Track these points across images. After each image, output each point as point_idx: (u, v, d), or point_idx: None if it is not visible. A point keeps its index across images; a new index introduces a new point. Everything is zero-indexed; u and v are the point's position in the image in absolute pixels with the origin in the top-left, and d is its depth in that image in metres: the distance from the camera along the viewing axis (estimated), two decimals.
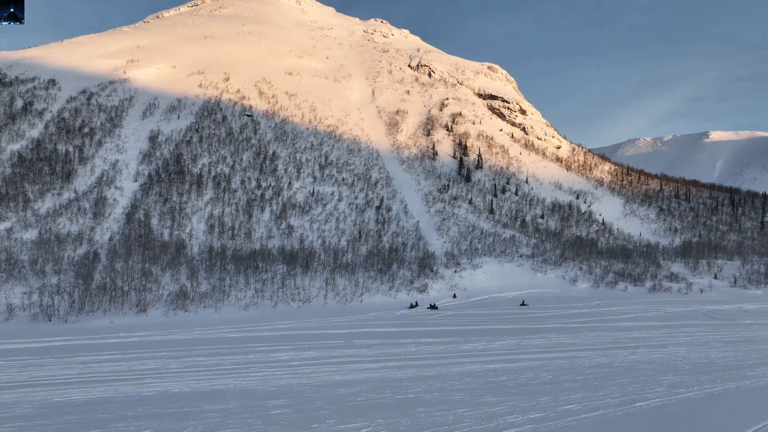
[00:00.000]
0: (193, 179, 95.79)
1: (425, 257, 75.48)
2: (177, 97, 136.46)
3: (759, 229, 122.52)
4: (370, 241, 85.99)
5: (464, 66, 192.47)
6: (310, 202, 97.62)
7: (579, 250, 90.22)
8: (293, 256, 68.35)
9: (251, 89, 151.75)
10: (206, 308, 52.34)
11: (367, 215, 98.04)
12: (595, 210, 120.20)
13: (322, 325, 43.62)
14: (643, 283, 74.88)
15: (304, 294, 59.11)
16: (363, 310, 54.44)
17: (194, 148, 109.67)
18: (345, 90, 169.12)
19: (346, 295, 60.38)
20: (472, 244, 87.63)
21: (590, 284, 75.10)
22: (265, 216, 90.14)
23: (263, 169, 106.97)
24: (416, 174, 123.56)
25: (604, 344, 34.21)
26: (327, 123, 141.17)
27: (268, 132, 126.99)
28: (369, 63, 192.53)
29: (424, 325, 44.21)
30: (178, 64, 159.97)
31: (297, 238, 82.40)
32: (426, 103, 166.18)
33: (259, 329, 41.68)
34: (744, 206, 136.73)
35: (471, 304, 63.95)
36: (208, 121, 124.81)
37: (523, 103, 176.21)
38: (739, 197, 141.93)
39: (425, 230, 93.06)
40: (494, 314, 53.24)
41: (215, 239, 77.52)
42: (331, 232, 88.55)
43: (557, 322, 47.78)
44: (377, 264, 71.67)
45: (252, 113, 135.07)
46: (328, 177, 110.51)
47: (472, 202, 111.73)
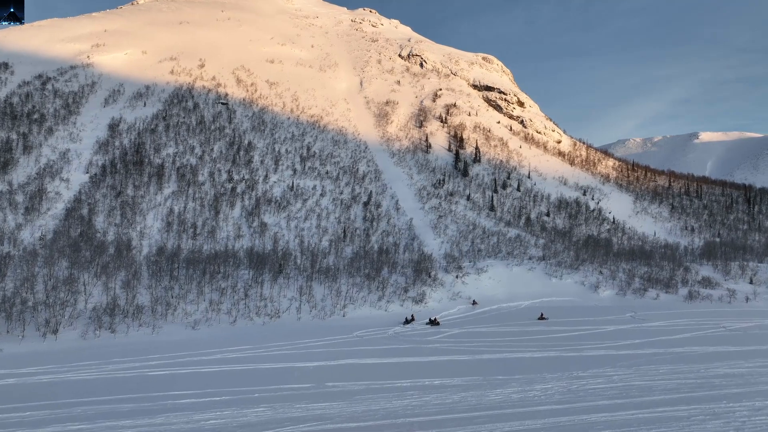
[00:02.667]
0: (154, 171, 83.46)
1: (421, 260, 63.95)
2: (145, 84, 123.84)
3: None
4: (356, 241, 74.31)
5: (458, 56, 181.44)
6: (289, 197, 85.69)
7: (594, 251, 79.32)
8: (262, 260, 56.45)
9: (228, 77, 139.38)
10: (142, 327, 40.37)
11: (353, 212, 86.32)
12: (604, 207, 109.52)
13: (288, 354, 31.99)
14: (675, 289, 63.96)
15: (273, 307, 47.30)
16: (346, 328, 42.84)
17: (159, 137, 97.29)
18: (331, 79, 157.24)
19: (325, 308, 48.67)
20: (474, 244, 76.28)
21: (614, 291, 64.05)
22: (234, 212, 78.09)
23: (236, 160, 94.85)
24: (408, 168, 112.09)
25: (691, 389, 22.90)
26: (310, 113, 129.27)
27: (244, 121, 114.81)
28: (357, 52, 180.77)
29: (426, 353, 32.83)
30: (150, 49, 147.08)
31: (270, 238, 70.50)
32: (418, 93, 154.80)
33: (199, 361, 30.02)
34: (760, 204, 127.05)
35: (478, 316, 52.55)
36: (177, 109, 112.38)
37: (520, 95, 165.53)
38: (753, 194, 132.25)
39: (420, 229, 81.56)
40: (511, 333, 41.90)
41: (171, 239, 65.39)
42: (311, 230, 76.71)
43: (598, 345, 36.55)
44: (364, 268, 60.02)
45: (227, 101, 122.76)
46: (310, 170, 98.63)
47: (471, 198, 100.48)
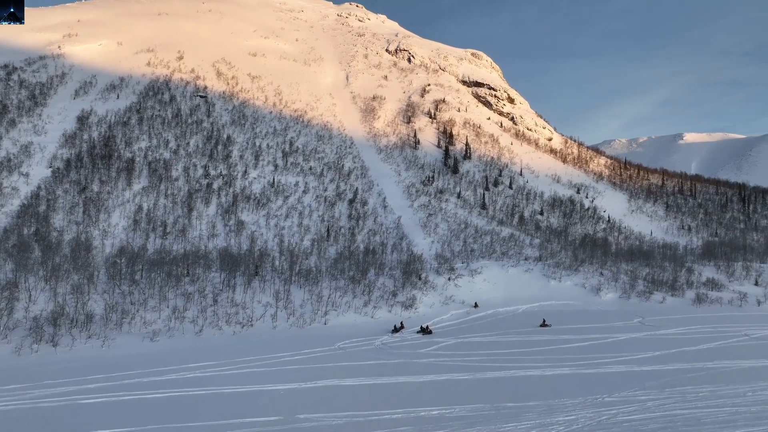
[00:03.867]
0: (123, 165, 77.65)
1: (411, 261, 59.09)
2: (120, 76, 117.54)
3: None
4: (340, 241, 69.26)
5: (446, 52, 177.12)
6: (269, 194, 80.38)
7: (593, 251, 75.18)
8: (236, 261, 51.18)
9: (208, 70, 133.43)
10: (91, 339, 34.98)
11: (337, 210, 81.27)
12: (599, 206, 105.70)
13: (257, 374, 26.91)
14: (681, 292, 59.88)
15: (245, 314, 42.08)
16: (327, 338, 37.86)
17: (131, 131, 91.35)
18: (316, 74, 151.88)
19: (305, 315, 43.58)
20: (467, 244, 71.65)
21: (617, 294, 59.78)
22: (209, 210, 72.60)
23: (214, 155, 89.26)
24: (396, 164, 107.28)
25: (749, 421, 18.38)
26: (294, 107, 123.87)
27: (223, 115, 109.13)
28: (343, 47, 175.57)
29: (419, 370, 28.01)
30: (126, 40, 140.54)
31: (247, 237, 65.17)
32: (406, 89, 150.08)
33: (149, 383, 24.83)
34: (755, 203, 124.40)
35: (473, 323, 47.85)
36: (152, 102, 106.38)
37: (510, 92, 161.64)
38: (747, 193, 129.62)
39: (408, 227, 76.76)
40: (513, 344, 37.26)
41: (138, 238, 59.79)
42: (292, 229, 71.50)
43: (614, 358, 32.04)
44: (349, 270, 55.03)
45: (206, 94, 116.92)
46: (293, 165, 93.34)
47: (461, 196, 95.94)
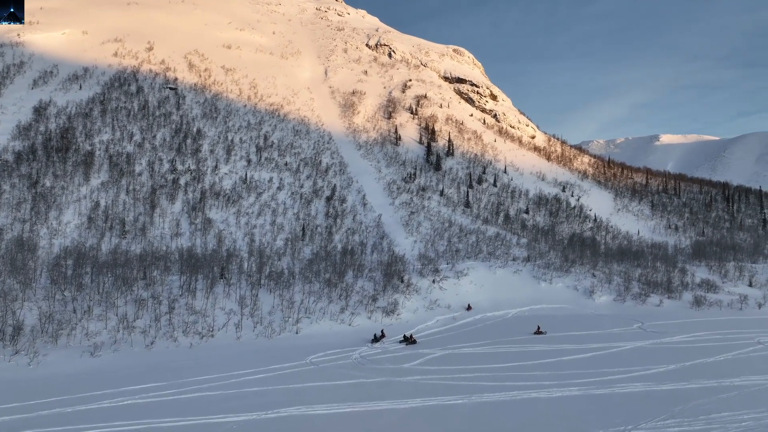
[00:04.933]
0: (81, 159, 71.67)
1: (392, 262, 54.67)
2: (83, 66, 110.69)
3: (762, 226, 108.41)
4: (316, 240, 64.51)
5: (428, 47, 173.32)
6: (240, 190, 75.18)
7: (582, 251, 71.78)
8: (200, 262, 46.09)
9: (180, 61, 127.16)
10: (18, 355, 29.77)
11: (314, 207, 76.45)
12: (585, 204, 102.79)
13: (209, 398, 22.15)
14: (678, 295, 56.63)
15: (205, 323, 37.13)
16: (298, 350, 33.24)
17: (93, 123, 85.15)
18: (293, 68, 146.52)
19: (274, 324, 38.79)
20: (451, 243, 67.54)
21: (612, 297, 56.27)
22: (175, 207, 67.15)
23: (182, 149, 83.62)
24: (376, 160, 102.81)
25: None
26: (270, 101, 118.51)
27: (194, 107, 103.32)
28: (322, 41, 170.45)
29: (403, 394, 23.58)
30: (92, 30, 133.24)
31: (215, 237, 60.01)
32: (386, 84, 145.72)
33: (71, 415, 19.94)
34: (739, 202, 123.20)
35: (461, 330, 43.66)
36: (118, 93, 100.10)
37: (493, 88, 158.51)
38: (730, 192, 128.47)
39: (390, 226, 72.36)
40: (509, 356, 33.12)
41: (92, 237, 54.23)
42: (264, 228, 66.48)
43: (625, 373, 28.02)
44: (325, 272, 50.37)
45: (176, 86, 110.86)
46: (267, 161, 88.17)
47: (444, 194, 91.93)
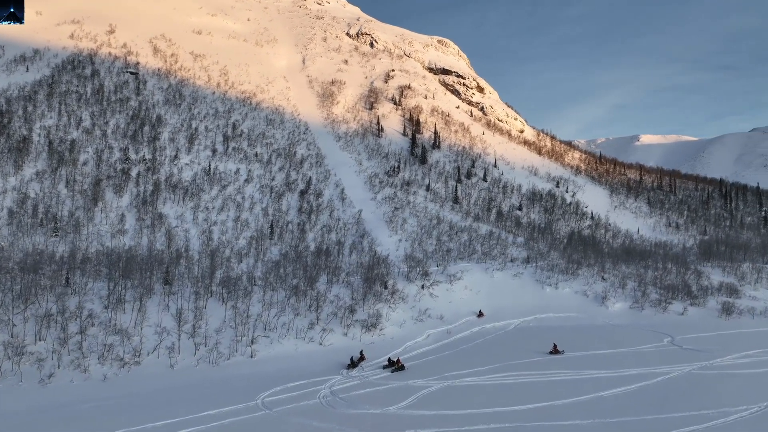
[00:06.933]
0: (14, 145, 62.03)
1: (374, 264, 46.51)
2: (34, 48, 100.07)
3: (763, 224, 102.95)
4: (286, 239, 56.01)
5: (411, 38, 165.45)
6: (202, 183, 66.25)
7: (585, 251, 64.53)
8: (139, 265, 37.29)
9: (144, 46, 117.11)
10: None
11: (286, 202, 67.86)
12: (581, 201, 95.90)
13: None
14: (703, 301, 49.53)
15: (130, 346, 28.50)
16: (249, 383, 24.92)
17: (36, 107, 75.31)
18: (269, 56, 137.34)
19: (222, 345, 30.28)
20: (441, 242, 59.63)
21: (627, 304, 48.94)
22: (122, 201, 58.01)
23: (138, 137, 74.29)
24: (356, 153, 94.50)
25: None
26: (242, 89, 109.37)
27: (156, 93, 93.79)
28: (300, 29, 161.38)
29: None
30: (47, 11, 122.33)
31: (164, 234, 51.13)
32: (368, 74, 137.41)
33: None
34: (737, 199, 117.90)
35: (457, 347, 35.76)
36: (70, 76, 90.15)
37: (479, 81, 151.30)
38: (727, 188, 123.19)
39: (371, 223, 64.18)
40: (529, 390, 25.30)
41: (10, 236, 44.98)
42: (226, 224, 57.73)
43: (698, 421, 20.32)
44: (293, 276, 41.98)
45: (137, 71, 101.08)
46: (235, 151, 79.29)
47: (431, 188, 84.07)
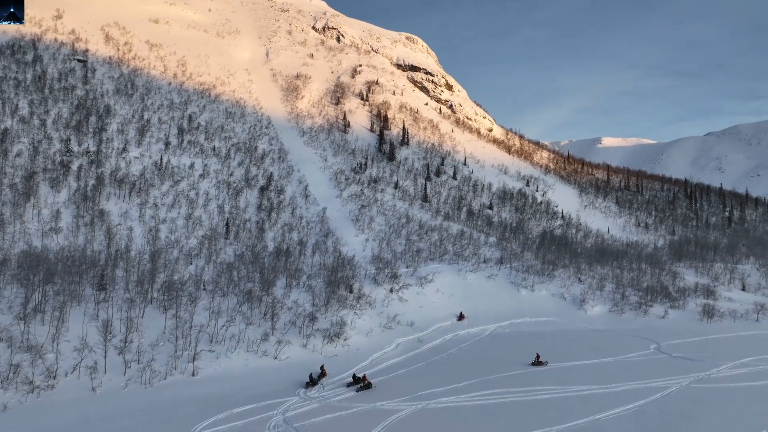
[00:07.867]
0: None
1: (339, 265, 42.67)
2: None
3: (727, 224, 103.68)
4: (243, 238, 51.55)
5: (379, 33, 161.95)
6: (152, 177, 60.98)
7: (558, 251, 62.28)
8: (67, 268, 32.45)
9: (95, 32, 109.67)
10: None
11: (244, 198, 63.24)
12: (552, 200, 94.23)
13: None
14: (683, 304, 47.59)
15: (43, 366, 23.88)
16: (187, 409, 20.82)
17: None
18: (230, 47, 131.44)
19: (158, 362, 25.93)
20: (411, 242, 56.20)
21: (607, 307, 46.58)
22: (59, 196, 52.39)
23: (82, 127, 68.29)
24: (322, 148, 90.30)
25: None
26: (200, 80, 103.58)
27: (106, 82, 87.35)
28: (264, 21, 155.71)
29: None
30: None
31: (104, 233, 46.00)
32: (334, 69, 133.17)
33: None
34: (701, 199, 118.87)
35: (430, 357, 32.32)
36: (8, 62, 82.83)
37: (448, 78, 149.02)
38: (692, 189, 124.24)
39: (336, 221, 60.24)
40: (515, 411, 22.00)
41: None
42: (176, 222, 52.82)
43: None
44: (248, 280, 37.73)
45: (86, 58, 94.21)
46: (191, 144, 74.06)
47: (400, 186, 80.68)
